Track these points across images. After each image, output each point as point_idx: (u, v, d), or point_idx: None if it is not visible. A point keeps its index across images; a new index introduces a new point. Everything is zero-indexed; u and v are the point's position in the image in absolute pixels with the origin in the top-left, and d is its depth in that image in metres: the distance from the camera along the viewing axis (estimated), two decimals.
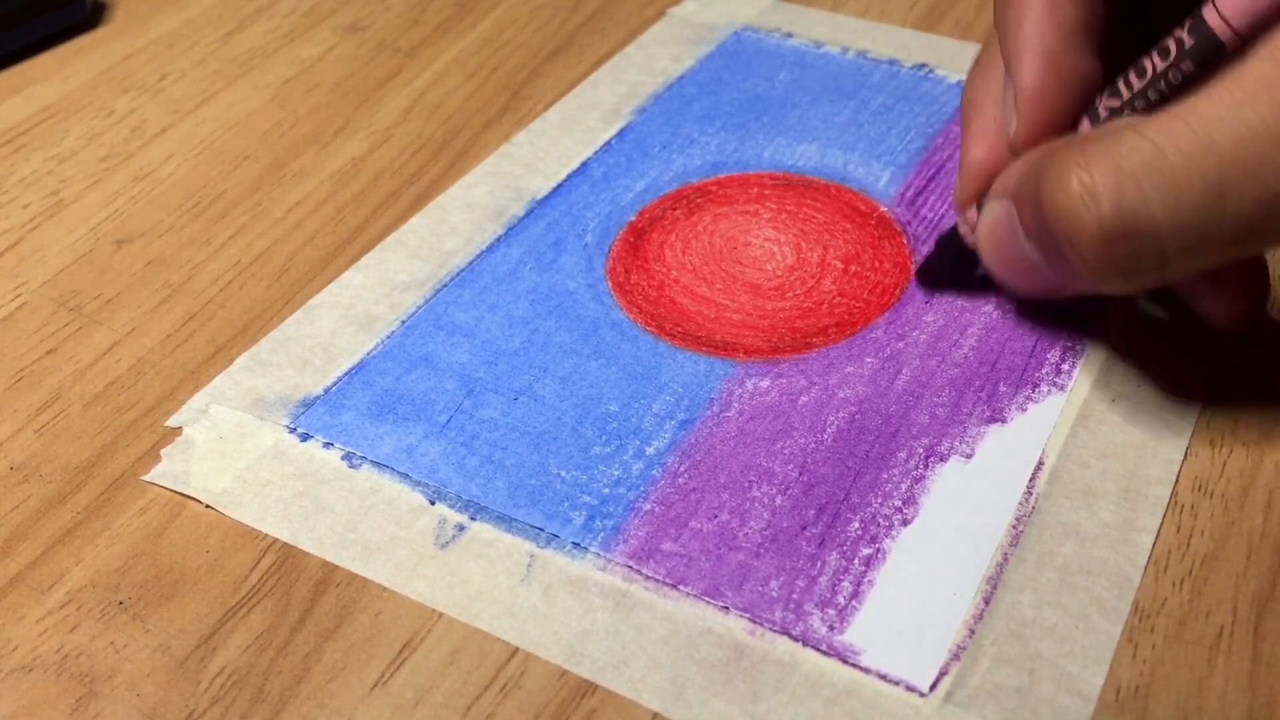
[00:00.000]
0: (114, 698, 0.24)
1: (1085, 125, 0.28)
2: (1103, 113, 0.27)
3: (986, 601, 0.25)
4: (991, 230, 0.28)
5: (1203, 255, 0.24)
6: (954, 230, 0.31)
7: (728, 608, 0.25)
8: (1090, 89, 0.28)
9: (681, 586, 0.25)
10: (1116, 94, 0.27)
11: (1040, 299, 0.30)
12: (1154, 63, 0.26)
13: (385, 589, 0.26)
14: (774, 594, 0.25)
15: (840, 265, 0.33)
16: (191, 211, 0.36)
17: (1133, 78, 0.27)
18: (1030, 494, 0.27)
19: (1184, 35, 0.26)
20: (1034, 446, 0.28)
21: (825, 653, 0.24)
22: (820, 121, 0.38)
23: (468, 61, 0.42)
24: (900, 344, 0.30)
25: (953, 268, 0.32)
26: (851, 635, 0.24)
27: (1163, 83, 0.26)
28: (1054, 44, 0.27)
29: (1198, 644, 0.24)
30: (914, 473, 0.27)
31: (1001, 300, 0.31)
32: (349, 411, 0.29)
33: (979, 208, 0.29)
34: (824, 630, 0.24)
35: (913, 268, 0.32)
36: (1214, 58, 0.25)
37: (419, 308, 0.32)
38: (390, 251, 0.34)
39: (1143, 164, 0.23)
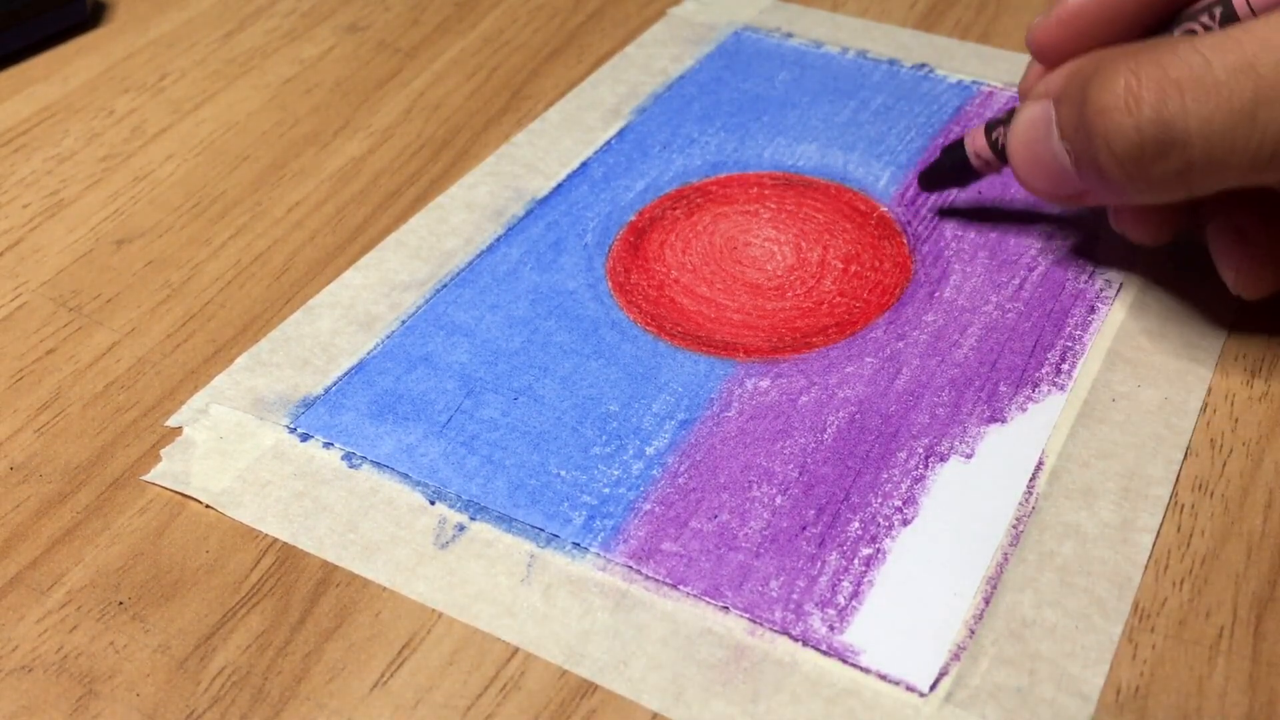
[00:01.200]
0: (114, 698, 0.24)
1: None
2: None
3: (986, 601, 0.25)
4: (1027, 128, 0.29)
5: (1225, 174, 0.25)
6: (959, 143, 0.33)
7: (728, 608, 0.25)
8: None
9: (681, 586, 0.25)
10: None
11: (1055, 203, 0.31)
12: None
13: (385, 589, 0.26)
14: (774, 594, 0.25)
15: (840, 265, 0.33)
16: (191, 211, 0.36)
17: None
18: (1030, 494, 0.27)
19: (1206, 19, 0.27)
20: (1034, 446, 0.28)
21: (825, 653, 0.24)
22: (820, 121, 0.38)
23: (468, 61, 0.42)
24: (900, 344, 0.30)
25: (953, 177, 0.34)
26: (851, 635, 0.24)
27: None
28: None
29: (1198, 644, 0.24)
30: (914, 473, 0.27)
31: (1001, 300, 0.31)
32: (349, 411, 0.29)
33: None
34: (824, 630, 0.24)
35: (913, 266, 0.32)
36: None
37: (419, 308, 0.32)
38: (390, 251, 0.34)
39: (1189, 75, 0.24)
